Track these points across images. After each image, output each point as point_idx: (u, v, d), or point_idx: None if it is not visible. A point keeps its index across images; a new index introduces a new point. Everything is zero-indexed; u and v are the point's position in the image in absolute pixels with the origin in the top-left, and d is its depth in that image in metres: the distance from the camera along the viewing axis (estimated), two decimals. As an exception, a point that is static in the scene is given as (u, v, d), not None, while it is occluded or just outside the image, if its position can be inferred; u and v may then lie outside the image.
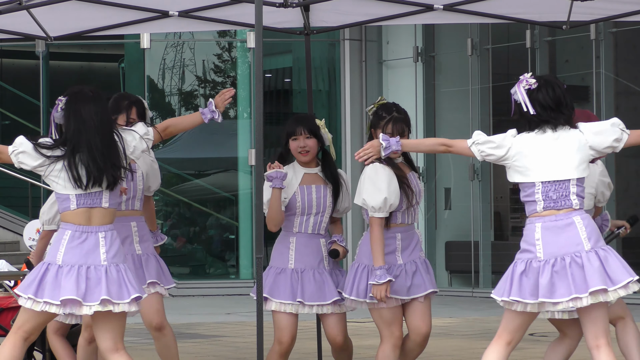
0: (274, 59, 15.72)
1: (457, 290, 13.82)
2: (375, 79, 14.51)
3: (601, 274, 4.65)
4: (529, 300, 4.69)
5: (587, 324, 4.72)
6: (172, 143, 15.37)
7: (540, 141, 4.82)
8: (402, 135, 5.35)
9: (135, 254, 5.71)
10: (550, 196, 4.76)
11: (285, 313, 5.57)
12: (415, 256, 5.49)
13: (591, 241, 4.71)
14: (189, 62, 15.30)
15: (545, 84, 4.85)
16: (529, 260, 4.73)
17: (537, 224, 4.76)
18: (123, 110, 5.62)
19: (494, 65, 13.91)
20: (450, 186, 14.20)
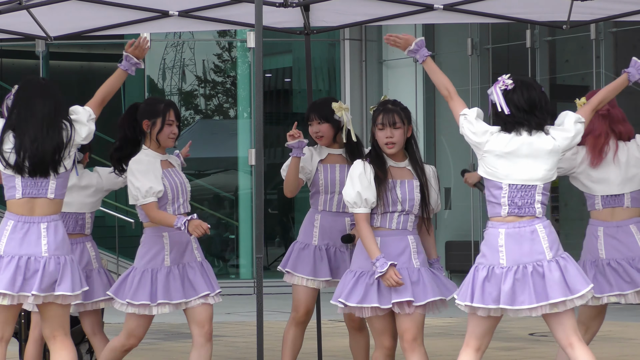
0: (274, 59, 15.71)
1: (457, 290, 13.81)
2: (375, 78, 14.51)
3: (561, 284, 4.69)
4: (492, 306, 4.72)
5: (555, 326, 4.76)
6: (172, 143, 15.36)
7: (514, 144, 4.80)
8: (395, 126, 5.12)
9: (196, 261, 5.65)
10: (516, 202, 4.77)
11: (305, 287, 5.78)
12: (406, 264, 5.14)
13: (552, 250, 4.74)
14: (189, 61, 15.30)
15: (522, 86, 4.86)
16: (491, 267, 4.75)
17: (501, 229, 4.76)
18: (160, 113, 5.59)
19: (494, 65, 13.91)
20: (450, 186, 14.20)
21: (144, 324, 5.61)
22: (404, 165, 5.20)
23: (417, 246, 5.16)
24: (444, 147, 14.20)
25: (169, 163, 5.63)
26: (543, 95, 4.86)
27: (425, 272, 5.17)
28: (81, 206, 6.08)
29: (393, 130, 5.09)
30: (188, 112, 15.69)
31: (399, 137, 5.11)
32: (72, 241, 6.03)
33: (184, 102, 15.62)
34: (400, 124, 5.12)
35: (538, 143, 4.79)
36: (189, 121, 15.62)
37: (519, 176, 4.78)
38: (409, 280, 5.05)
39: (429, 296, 5.10)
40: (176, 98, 15.59)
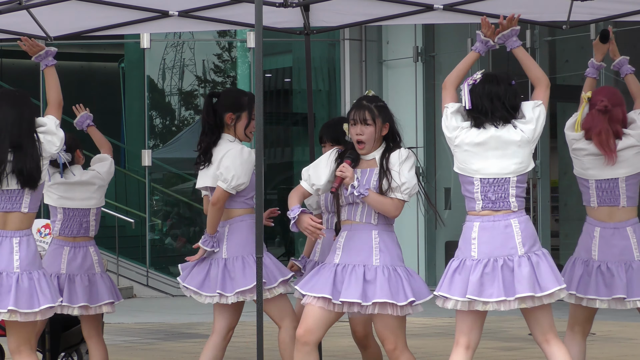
0: (274, 59, 15.71)
1: (457, 290, 13.81)
2: (375, 78, 14.51)
3: (530, 280, 4.68)
4: (457, 297, 4.70)
5: (531, 323, 4.77)
6: (172, 143, 15.37)
7: (481, 137, 4.80)
8: (366, 123, 4.92)
9: None
10: (489, 197, 4.77)
11: None
12: (364, 261, 4.92)
13: (525, 246, 4.73)
14: (189, 61, 15.30)
15: (486, 79, 4.87)
16: (463, 259, 4.76)
17: (476, 223, 4.77)
18: (246, 107, 5.55)
19: (494, 65, 13.90)
20: (450, 186, 14.20)
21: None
22: (372, 157, 4.99)
23: (381, 243, 4.94)
24: (444, 147, 14.19)
25: None
26: (510, 88, 4.84)
27: (384, 271, 4.90)
28: (84, 202, 6.07)
29: (363, 127, 4.93)
30: (188, 112, 15.69)
31: (369, 135, 4.92)
32: (75, 245, 6.02)
33: (184, 102, 15.62)
34: (372, 122, 4.93)
35: (506, 136, 4.78)
36: (189, 121, 15.62)
37: (489, 170, 4.77)
38: (362, 279, 4.86)
39: (377, 297, 4.82)
40: (176, 98, 15.60)
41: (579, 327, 5.57)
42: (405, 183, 4.88)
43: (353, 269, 4.88)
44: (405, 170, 4.90)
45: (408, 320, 5.29)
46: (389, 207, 4.87)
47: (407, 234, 14.23)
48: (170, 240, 15.31)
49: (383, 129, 4.96)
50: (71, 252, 6.00)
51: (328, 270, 4.91)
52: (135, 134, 15.24)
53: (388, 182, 4.87)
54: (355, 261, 4.89)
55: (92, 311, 5.97)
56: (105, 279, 6.06)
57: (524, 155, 4.79)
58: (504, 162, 4.77)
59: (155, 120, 15.32)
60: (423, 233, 14.10)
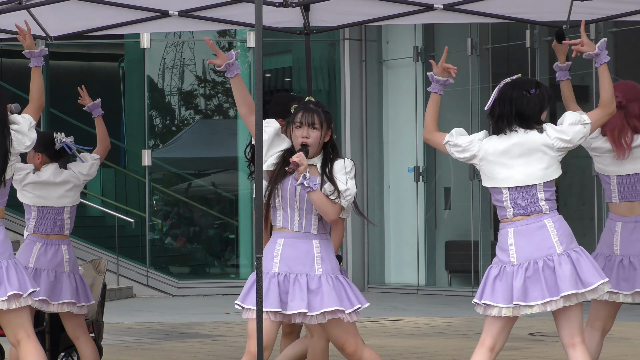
0: (274, 59, 15.71)
1: (457, 290, 13.81)
2: (375, 78, 14.51)
3: (572, 277, 4.70)
4: (502, 304, 4.72)
5: (562, 323, 4.77)
6: (172, 143, 15.36)
7: (504, 145, 4.81)
8: (313, 127, 4.86)
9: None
10: (519, 203, 4.80)
11: None
12: (307, 270, 4.83)
13: (563, 244, 4.74)
14: (188, 61, 15.29)
15: (515, 82, 4.85)
16: (503, 265, 4.78)
17: (510, 229, 4.80)
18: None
19: (494, 65, 13.91)
20: (450, 186, 14.20)
21: None
22: (313, 163, 4.90)
23: (322, 251, 4.87)
24: (444, 147, 14.18)
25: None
26: (524, 96, 4.81)
27: (328, 280, 4.82)
28: (59, 200, 6.08)
29: (310, 131, 4.87)
30: (188, 111, 15.68)
31: (314, 139, 4.86)
32: (48, 242, 6.04)
33: (184, 102, 15.62)
34: (319, 126, 4.88)
35: (529, 142, 4.79)
36: (189, 121, 15.62)
37: (516, 178, 4.79)
38: (307, 288, 4.80)
39: (325, 306, 4.76)
40: (176, 98, 15.59)
41: (599, 324, 5.57)
42: (349, 190, 4.84)
43: (296, 279, 4.82)
44: (349, 179, 4.88)
45: (408, 320, 5.28)
46: (330, 208, 4.80)
47: (407, 234, 14.23)
48: (170, 240, 15.30)
49: (326, 136, 4.92)
50: (42, 248, 6.04)
51: (269, 281, 4.83)
52: (135, 133, 15.23)
53: (332, 187, 4.82)
54: (297, 270, 4.82)
55: (53, 308, 5.98)
56: (72, 279, 6.06)
57: (550, 161, 4.79)
58: (529, 169, 4.78)
59: (155, 120, 15.31)
60: (423, 233, 14.10)
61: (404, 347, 8.82)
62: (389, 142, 14.46)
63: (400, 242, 14.35)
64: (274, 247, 4.89)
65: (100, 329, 7.13)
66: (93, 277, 7.24)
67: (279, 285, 4.82)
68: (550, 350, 8.60)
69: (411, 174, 14.20)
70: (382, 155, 14.48)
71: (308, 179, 4.79)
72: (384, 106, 14.49)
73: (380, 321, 10.45)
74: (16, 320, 4.97)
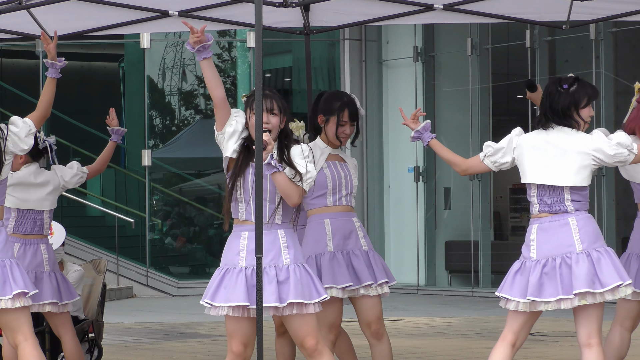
0: (274, 59, 15.71)
1: (457, 290, 13.81)
2: (375, 78, 14.51)
3: (588, 276, 4.69)
4: (517, 298, 4.72)
5: (581, 321, 4.76)
6: (172, 143, 15.37)
7: (541, 141, 4.83)
8: (272, 112, 4.76)
9: (362, 249, 5.62)
10: (545, 201, 4.82)
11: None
12: (274, 260, 4.75)
13: (584, 243, 4.74)
14: (189, 61, 15.29)
15: (556, 79, 4.90)
16: (524, 260, 4.80)
17: (534, 225, 4.83)
18: (335, 112, 5.56)
19: (494, 65, 13.91)
20: (450, 186, 14.20)
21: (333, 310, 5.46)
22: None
23: (288, 240, 4.79)
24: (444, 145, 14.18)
25: (340, 157, 5.65)
26: (557, 91, 4.85)
27: (296, 270, 4.74)
28: (39, 203, 6.06)
29: (270, 116, 4.75)
30: (188, 111, 15.68)
31: (274, 124, 4.76)
32: (27, 242, 6.02)
33: (184, 102, 15.62)
34: (278, 112, 4.77)
35: (566, 143, 4.79)
36: (189, 121, 15.62)
37: (545, 176, 4.79)
38: (276, 280, 4.72)
39: (291, 297, 4.68)
40: (176, 98, 15.59)
41: (629, 323, 5.52)
42: (310, 172, 4.74)
43: (264, 272, 4.70)
44: (308, 162, 4.78)
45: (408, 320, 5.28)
46: (294, 191, 4.70)
47: (406, 234, 14.23)
48: (170, 240, 15.30)
49: (282, 122, 4.81)
50: (21, 248, 6.01)
51: (236, 276, 4.72)
52: (135, 133, 15.23)
53: (292, 171, 4.71)
54: (265, 262, 4.70)
55: (34, 309, 5.97)
56: (53, 278, 6.04)
57: (580, 168, 4.77)
58: (559, 170, 4.78)
59: (155, 120, 15.32)
60: (423, 233, 14.10)
61: (404, 347, 8.82)
62: (389, 142, 14.47)
63: (400, 242, 14.35)
64: (239, 242, 4.77)
65: (100, 329, 7.13)
66: (93, 277, 7.25)
67: (247, 279, 4.71)
68: (549, 350, 8.60)
69: (411, 174, 14.20)
70: (382, 155, 14.48)
71: (274, 159, 4.67)
72: (384, 106, 14.49)
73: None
74: (14, 323, 4.96)
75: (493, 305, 12.21)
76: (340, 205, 5.58)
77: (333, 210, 5.56)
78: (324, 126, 5.58)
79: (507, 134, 5.01)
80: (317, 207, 5.55)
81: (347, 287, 5.45)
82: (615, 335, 5.52)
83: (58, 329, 6.10)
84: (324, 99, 5.62)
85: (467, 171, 5.07)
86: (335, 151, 5.63)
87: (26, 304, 4.97)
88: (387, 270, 5.65)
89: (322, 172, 5.53)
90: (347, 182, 5.61)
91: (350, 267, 5.52)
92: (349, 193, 5.62)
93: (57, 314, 6.05)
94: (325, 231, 5.52)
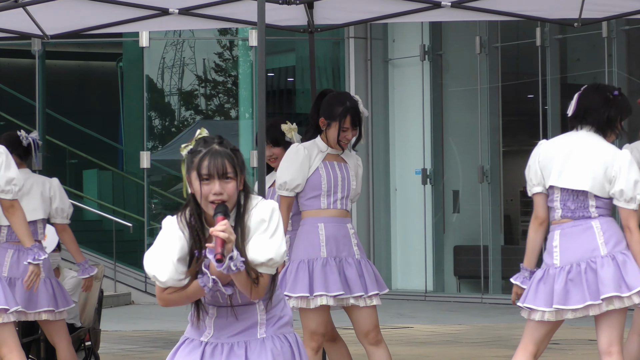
0: (277, 58, 15.73)
1: (466, 297, 13.81)
2: (380, 78, 14.52)
3: (615, 279, 4.67)
4: (543, 307, 4.71)
5: (603, 328, 4.74)
6: (172, 144, 15.37)
7: (569, 142, 4.83)
8: (226, 176, 3.43)
9: (355, 257, 5.59)
10: (568, 206, 4.80)
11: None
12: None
13: (608, 245, 4.73)
14: (189, 60, 15.31)
15: (590, 88, 4.88)
16: (547, 268, 4.78)
17: (556, 231, 4.81)
18: (337, 117, 5.51)
19: (503, 64, 13.92)
20: (458, 189, 14.20)
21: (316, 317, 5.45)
22: None
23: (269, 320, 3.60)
24: (452, 148, 14.20)
25: (340, 158, 5.62)
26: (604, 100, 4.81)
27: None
28: (30, 214, 6.00)
29: (223, 184, 3.45)
30: (188, 112, 15.70)
31: (230, 192, 3.44)
32: (20, 248, 5.99)
33: (184, 102, 15.64)
34: (233, 174, 3.45)
35: (595, 148, 4.79)
36: (189, 122, 15.64)
37: (569, 180, 4.78)
38: None
39: None
40: (176, 98, 15.61)
41: None
42: (272, 259, 3.42)
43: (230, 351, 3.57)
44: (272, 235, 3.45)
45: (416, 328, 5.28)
46: (250, 287, 3.42)
47: (414, 239, 14.23)
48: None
49: (240, 182, 3.50)
50: (15, 255, 6.01)
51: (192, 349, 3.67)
52: (133, 135, 15.25)
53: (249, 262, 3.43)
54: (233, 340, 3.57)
55: (30, 317, 5.98)
56: (49, 285, 6.03)
57: (599, 180, 4.76)
58: (583, 175, 4.77)
59: (154, 121, 15.33)
60: (431, 237, 14.10)
61: (411, 356, 8.82)
62: (395, 144, 14.47)
63: (407, 247, 14.35)
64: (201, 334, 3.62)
65: (97, 337, 7.14)
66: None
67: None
68: (563, 358, 8.59)
69: (418, 176, 14.21)
70: (389, 157, 14.49)
71: (235, 259, 3.36)
72: (390, 106, 14.50)
73: (387, 328, 10.45)
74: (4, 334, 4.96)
75: (503, 312, 12.21)
76: (335, 209, 5.57)
77: (327, 214, 5.56)
78: (325, 129, 5.58)
79: (516, 135, 5.00)
80: (311, 209, 5.55)
81: (338, 295, 5.45)
82: (634, 344, 5.52)
83: (53, 337, 6.10)
84: (326, 101, 5.60)
85: (543, 219, 4.88)
86: (335, 151, 5.63)
87: (6, 320, 4.95)
88: (378, 279, 5.63)
89: (317, 172, 5.52)
90: (344, 185, 5.59)
91: (342, 275, 5.51)
92: (345, 197, 5.60)
93: (52, 321, 6.05)
94: (319, 236, 5.52)
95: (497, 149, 13.72)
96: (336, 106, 5.53)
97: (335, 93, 5.65)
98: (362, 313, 5.51)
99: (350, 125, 5.54)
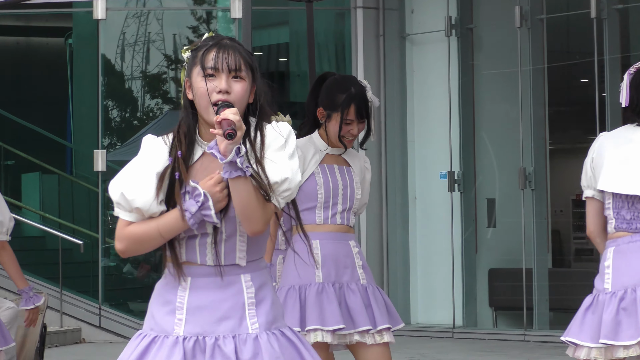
0: (266, 33, 15.76)
1: (505, 333, 13.82)
2: (396, 58, 14.54)
3: None
4: (589, 343, 4.70)
5: None
6: (133, 142, 15.39)
7: (625, 139, 4.87)
8: (237, 73, 3.55)
9: (359, 282, 5.56)
10: (623, 215, 4.81)
11: None
12: (234, 328, 3.57)
13: None
14: (155, 36, 15.34)
15: None
16: (597, 294, 4.78)
17: (610, 248, 4.85)
18: (338, 107, 5.52)
19: (550, 40, 13.93)
20: (494, 197, 14.21)
21: None
22: None
23: (258, 295, 3.69)
24: (486, 145, 14.20)
25: (342, 160, 5.62)
26: None
27: (271, 341, 3.56)
28: None
29: (232, 81, 3.56)
30: (154, 101, 15.73)
31: (240, 94, 3.56)
32: None
33: (149, 88, 15.66)
34: (245, 73, 3.57)
35: None
36: (155, 113, 15.66)
37: (623, 184, 4.82)
38: None
39: None
40: (139, 83, 15.64)
41: None
42: (287, 180, 3.54)
43: (215, 346, 3.59)
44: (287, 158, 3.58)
45: None
46: (258, 210, 3.49)
47: (439, 259, 14.24)
48: (130, 267, 15.32)
49: (252, 91, 3.63)
50: None
51: (167, 353, 3.58)
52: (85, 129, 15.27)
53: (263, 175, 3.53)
54: (218, 331, 3.61)
55: None
56: None
57: None
58: (638, 177, 4.82)
59: (111, 112, 15.36)
60: (460, 258, 14.11)
61: (434, 407, 8.84)
62: (414, 141, 14.49)
63: (430, 270, 14.36)
64: (175, 296, 3.65)
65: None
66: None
67: (185, 354, 3.59)
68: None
69: (444, 181, 14.22)
70: (406, 157, 14.50)
71: (242, 154, 3.44)
72: (408, 94, 14.52)
73: (404, 373, 10.48)
74: None
75: (551, 353, 12.22)
76: (334, 224, 5.56)
77: (324, 230, 5.54)
78: (325, 122, 5.56)
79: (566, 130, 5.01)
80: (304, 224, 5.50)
81: (338, 330, 5.41)
82: None
83: None
84: (326, 87, 5.59)
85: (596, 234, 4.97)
86: (336, 151, 5.60)
87: None
88: (391, 311, 5.62)
89: (313, 178, 5.52)
90: (346, 195, 5.59)
91: (343, 304, 5.49)
92: (347, 209, 5.60)
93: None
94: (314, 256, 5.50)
95: (543, 147, 13.73)
96: (338, 93, 5.52)
97: (338, 77, 5.63)
98: (371, 353, 5.49)
99: (356, 117, 5.53)
